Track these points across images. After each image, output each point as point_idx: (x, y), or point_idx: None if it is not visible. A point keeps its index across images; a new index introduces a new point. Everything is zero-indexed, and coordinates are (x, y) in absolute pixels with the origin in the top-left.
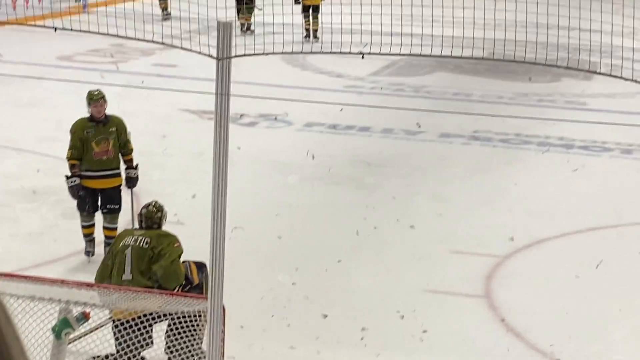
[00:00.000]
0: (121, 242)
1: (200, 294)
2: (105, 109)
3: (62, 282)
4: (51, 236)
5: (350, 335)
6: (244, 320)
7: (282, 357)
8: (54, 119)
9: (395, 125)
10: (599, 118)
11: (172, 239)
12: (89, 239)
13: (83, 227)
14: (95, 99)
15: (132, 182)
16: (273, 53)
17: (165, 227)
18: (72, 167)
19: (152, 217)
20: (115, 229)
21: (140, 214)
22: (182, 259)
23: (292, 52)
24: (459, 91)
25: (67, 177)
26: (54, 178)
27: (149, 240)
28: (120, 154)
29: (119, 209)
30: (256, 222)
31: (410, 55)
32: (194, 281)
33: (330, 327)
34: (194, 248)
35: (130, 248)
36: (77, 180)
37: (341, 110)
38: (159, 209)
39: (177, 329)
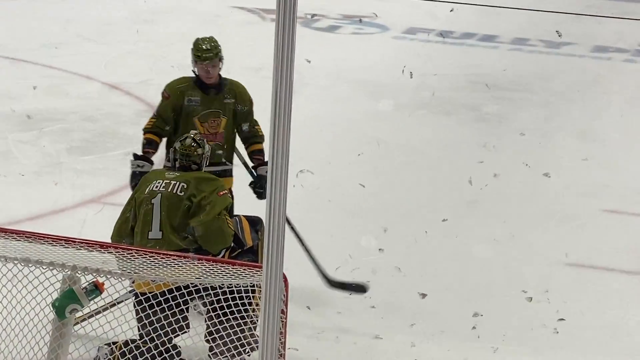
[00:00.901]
0: (147, 187)
1: (255, 261)
2: (219, 69)
3: (67, 241)
4: (52, 177)
5: (458, 323)
6: (312, 298)
7: (363, 349)
8: (62, 18)
9: (529, 33)
10: None
11: (217, 185)
12: None
13: None
14: (205, 56)
15: (261, 185)
16: None
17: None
18: (147, 144)
19: (190, 153)
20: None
21: (173, 149)
22: (230, 213)
23: None
24: None
25: (135, 157)
26: (59, 98)
27: (185, 186)
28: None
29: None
30: (331, 163)
31: None
32: (246, 243)
33: (430, 311)
34: (245, 197)
35: (159, 196)
36: (146, 167)
37: (452, 11)
38: (200, 143)
39: (222, 308)
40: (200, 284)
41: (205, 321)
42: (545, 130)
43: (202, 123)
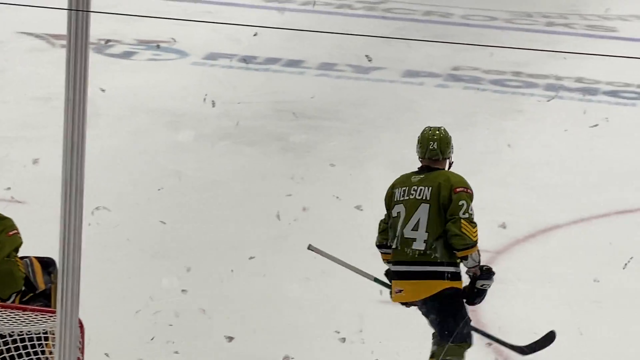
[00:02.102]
0: None
1: (48, 305)
2: None
3: None
4: None
5: None
6: (111, 345)
7: None
8: None
9: (338, 58)
10: (635, 50)
11: (5, 225)
12: None
13: None
14: None
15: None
16: None
17: None
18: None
19: None
20: None
21: None
22: (20, 254)
23: None
24: (431, 9)
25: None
26: None
27: None
28: None
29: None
30: (130, 199)
31: None
32: (39, 287)
33: (238, 355)
34: (38, 238)
35: None
36: None
37: (255, 35)
38: None
39: (12, 358)
40: None
41: None
42: (356, 160)
43: None
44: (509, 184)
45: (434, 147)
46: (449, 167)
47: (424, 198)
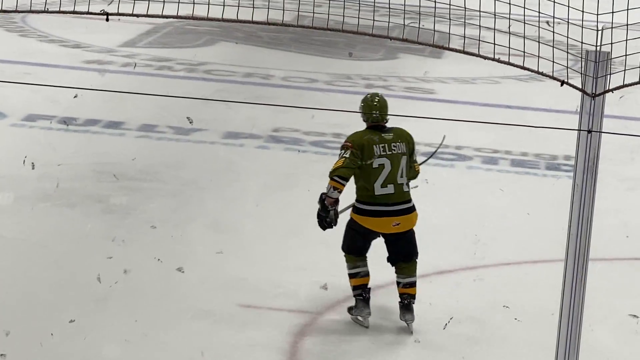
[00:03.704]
0: None
1: None
2: None
3: None
4: None
5: None
6: None
7: None
8: None
9: (158, 120)
10: (453, 112)
11: None
12: None
13: None
14: None
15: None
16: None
17: None
18: None
19: None
20: None
21: None
22: None
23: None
24: (252, 71)
25: None
26: None
27: None
28: None
29: None
30: None
31: (179, 18)
32: None
33: None
34: None
35: None
36: None
37: (75, 97)
38: None
39: None
40: None
41: None
42: (177, 222)
43: None
44: (330, 245)
45: (379, 108)
46: None
47: (402, 152)
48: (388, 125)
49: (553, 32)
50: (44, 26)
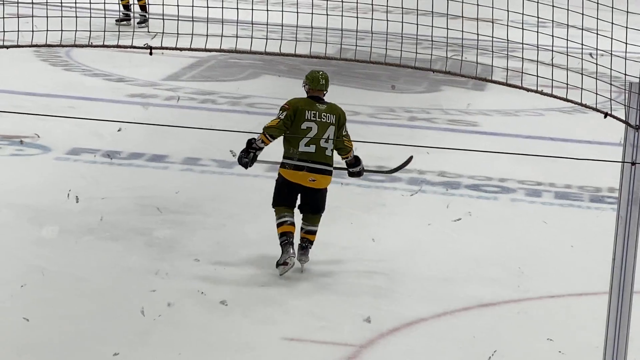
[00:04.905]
0: None
1: None
2: None
3: None
4: None
5: None
6: None
7: None
8: None
9: (202, 153)
10: (496, 144)
11: None
12: None
13: None
14: None
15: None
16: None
17: None
18: None
19: None
20: None
21: None
22: None
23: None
24: None
25: None
26: None
27: None
28: None
29: None
30: None
31: (222, 51)
32: None
33: None
34: None
35: None
36: None
37: (119, 130)
38: None
39: None
40: None
41: None
42: (220, 255)
43: None
44: (373, 278)
45: (323, 83)
46: None
47: (330, 122)
48: (325, 99)
49: (596, 64)
50: (88, 60)
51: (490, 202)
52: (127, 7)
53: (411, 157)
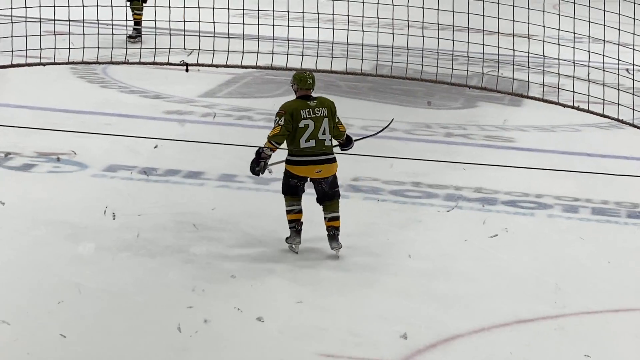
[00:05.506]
0: None
1: None
2: None
3: None
4: None
5: None
6: None
7: None
8: None
9: (238, 170)
10: (532, 160)
11: None
12: None
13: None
14: None
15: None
16: (55, 63)
17: None
18: None
19: None
20: None
21: None
22: None
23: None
24: None
25: None
26: None
27: None
28: None
29: None
30: (29, 313)
31: (258, 68)
32: None
33: None
34: None
35: None
36: None
37: (156, 147)
38: None
39: None
40: None
41: None
42: (256, 271)
43: None
44: (410, 294)
45: (310, 82)
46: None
47: (323, 115)
48: (313, 95)
49: (633, 79)
50: (125, 77)
51: (527, 218)
52: (138, 22)
53: (392, 120)
